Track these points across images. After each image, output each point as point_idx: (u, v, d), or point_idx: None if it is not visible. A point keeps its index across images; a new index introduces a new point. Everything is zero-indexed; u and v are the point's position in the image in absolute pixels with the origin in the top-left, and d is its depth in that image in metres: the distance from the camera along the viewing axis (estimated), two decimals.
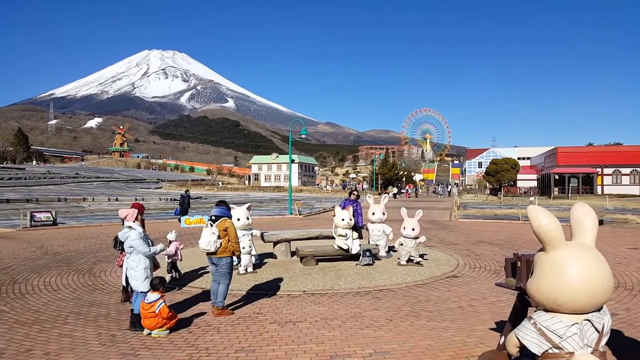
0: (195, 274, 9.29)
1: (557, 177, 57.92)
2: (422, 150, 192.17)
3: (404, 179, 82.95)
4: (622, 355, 4.78)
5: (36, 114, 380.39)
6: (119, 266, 7.56)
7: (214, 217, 6.60)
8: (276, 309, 6.80)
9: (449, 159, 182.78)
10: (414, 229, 9.98)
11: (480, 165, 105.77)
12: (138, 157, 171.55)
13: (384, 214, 11.44)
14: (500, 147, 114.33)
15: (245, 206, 9.78)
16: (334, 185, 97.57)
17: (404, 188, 69.32)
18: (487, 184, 70.87)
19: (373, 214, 11.42)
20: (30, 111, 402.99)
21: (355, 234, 10.49)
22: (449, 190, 69.80)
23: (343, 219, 10.04)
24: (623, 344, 5.16)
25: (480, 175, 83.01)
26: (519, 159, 74.90)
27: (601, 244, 11.83)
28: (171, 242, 8.83)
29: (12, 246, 13.57)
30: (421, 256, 10.44)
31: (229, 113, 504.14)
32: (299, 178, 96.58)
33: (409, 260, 10.00)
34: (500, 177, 59.66)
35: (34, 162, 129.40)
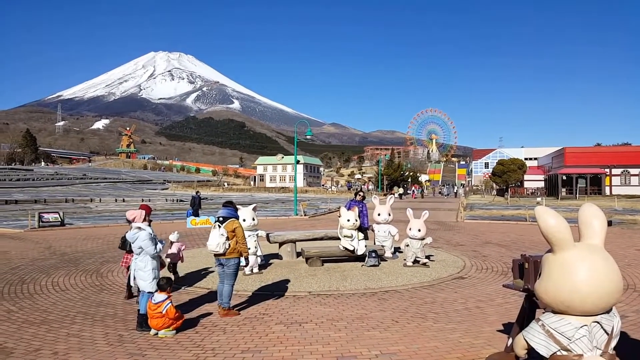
0: (201, 275, 9.32)
1: (564, 177, 57.50)
2: (428, 151, 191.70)
3: (409, 179, 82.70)
4: (632, 358, 4.73)
5: (44, 116, 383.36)
6: (125, 267, 7.57)
7: (221, 219, 6.61)
8: (282, 309, 6.80)
9: (455, 159, 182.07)
10: (420, 230, 9.95)
11: (486, 165, 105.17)
12: (144, 158, 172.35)
13: (389, 214, 11.42)
14: (507, 148, 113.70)
15: (251, 207, 9.79)
16: (339, 186, 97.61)
17: (409, 189, 69.12)
18: (494, 185, 70.46)
19: (379, 214, 11.39)
20: (38, 113, 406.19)
21: (361, 235, 10.48)
22: (455, 190, 69.51)
23: (349, 220, 10.03)
24: (633, 346, 5.11)
25: (487, 176, 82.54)
26: (526, 159, 74.44)
27: (610, 245, 11.72)
28: (173, 242, 8.85)
29: (20, 247, 13.67)
30: (427, 257, 10.41)
31: (234, 114, 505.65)
32: (304, 179, 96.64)
33: (415, 262, 9.96)
34: (507, 177, 59.28)
35: (42, 163, 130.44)
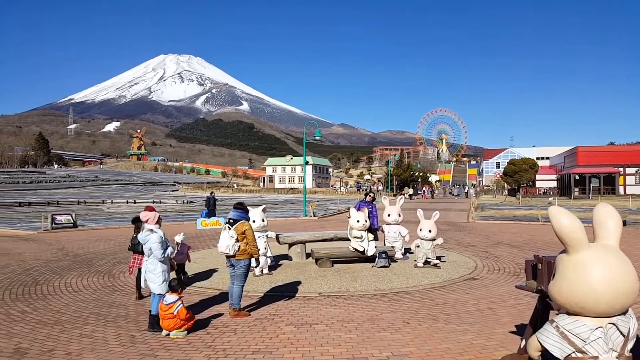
0: (211, 275, 9.35)
1: (577, 177, 56.87)
2: (438, 151, 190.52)
3: (419, 180, 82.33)
4: None
5: (56, 119, 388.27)
6: (136, 268, 7.57)
7: (231, 220, 6.63)
8: (292, 310, 6.80)
9: (466, 159, 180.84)
10: (430, 231, 9.90)
11: (497, 165, 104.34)
12: (155, 160, 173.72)
13: (399, 215, 11.37)
14: (518, 147, 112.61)
15: (260, 208, 9.81)
16: (348, 186, 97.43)
17: (420, 189, 68.80)
18: (505, 185, 69.97)
19: (389, 215, 11.35)
20: (51, 116, 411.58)
21: (371, 236, 10.44)
22: (466, 191, 69.00)
23: (358, 221, 10.00)
24: None
25: (498, 176, 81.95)
26: (537, 159, 73.74)
27: (625, 246, 11.55)
28: (178, 244, 8.88)
29: (34, 248, 13.84)
30: (438, 258, 10.35)
31: (243, 116, 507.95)
32: (313, 180, 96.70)
33: (426, 263, 9.91)
34: (519, 177, 58.84)
35: (55, 165, 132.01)
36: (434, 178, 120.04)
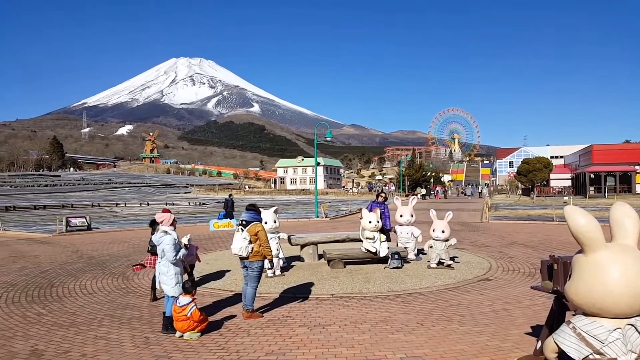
0: (224, 277, 9.39)
1: (592, 175, 56.08)
2: (450, 151, 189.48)
3: (431, 180, 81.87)
4: None
5: (70, 123, 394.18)
6: (150, 266, 7.59)
7: (244, 222, 6.63)
8: (305, 312, 6.79)
9: (479, 159, 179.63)
10: (443, 231, 9.82)
11: (511, 164, 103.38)
12: (168, 162, 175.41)
13: (412, 216, 11.30)
14: (531, 146, 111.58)
15: (272, 209, 9.83)
16: (359, 187, 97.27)
17: (433, 189, 68.37)
18: (519, 184, 69.25)
19: (401, 216, 11.29)
20: (65, 120, 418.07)
21: (383, 237, 10.39)
22: (479, 191, 68.35)
23: (370, 222, 9.96)
24: None
25: (512, 175, 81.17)
26: (551, 157, 72.87)
27: None
28: (186, 245, 8.91)
29: (49, 251, 14.03)
30: (452, 259, 10.25)
31: (254, 118, 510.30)
32: (324, 181, 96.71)
33: (439, 263, 9.84)
34: (533, 176, 58.19)
35: (71, 169, 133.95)
36: (446, 178, 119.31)
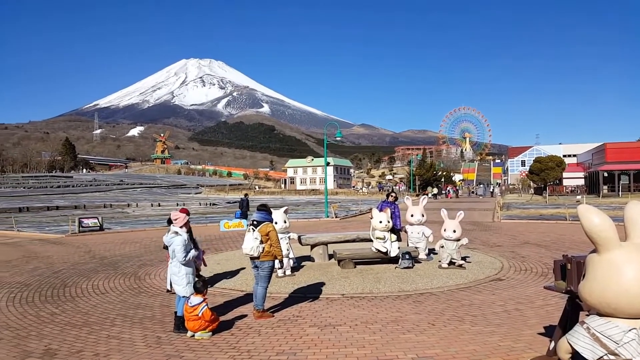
0: (235, 277, 9.42)
1: (606, 174, 55.36)
2: (462, 150, 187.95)
3: (442, 179, 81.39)
4: None
5: (82, 124, 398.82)
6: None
7: (255, 222, 6.66)
8: (315, 312, 6.79)
9: (490, 158, 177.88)
10: (455, 231, 9.75)
11: (523, 163, 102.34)
12: (178, 163, 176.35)
13: (423, 215, 11.24)
14: (544, 145, 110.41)
15: (282, 210, 9.84)
16: (369, 187, 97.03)
17: (444, 189, 67.92)
18: (531, 183, 68.60)
19: (412, 215, 11.24)
20: (77, 122, 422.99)
21: (394, 237, 10.35)
22: (491, 190, 67.69)
23: (381, 222, 9.92)
24: None
25: (524, 174, 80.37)
26: (564, 156, 72.14)
27: None
28: (196, 246, 8.95)
29: (62, 251, 14.19)
30: (463, 259, 10.19)
31: (264, 118, 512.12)
32: (334, 181, 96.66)
33: (451, 263, 9.77)
34: (545, 175, 57.66)
35: (83, 170, 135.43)
36: (457, 177, 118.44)
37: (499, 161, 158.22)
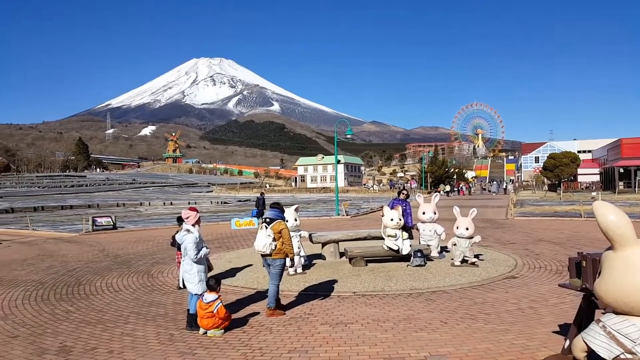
0: (247, 275, 9.45)
1: (621, 170, 54.52)
2: (474, 146, 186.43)
3: (454, 176, 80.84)
4: None
5: (95, 124, 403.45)
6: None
7: (268, 220, 6.69)
8: (327, 310, 6.78)
9: (503, 154, 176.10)
10: (467, 228, 9.67)
11: (537, 160, 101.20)
12: (190, 162, 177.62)
13: (435, 213, 11.16)
14: (558, 141, 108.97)
15: (293, 208, 9.85)
16: (380, 185, 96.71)
17: (456, 186, 67.43)
18: (545, 180, 67.77)
19: (423, 213, 11.16)
20: (89, 121, 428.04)
21: (405, 235, 10.29)
22: (504, 187, 67.01)
23: (392, 219, 9.88)
24: None
25: (538, 171, 79.49)
26: (579, 152, 71.17)
27: None
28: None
29: (76, 249, 14.37)
30: (476, 256, 10.10)
31: (274, 116, 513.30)
32: (345, 178, 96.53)
33: (463, 261, 9.69)
34: (559, 172, 56.93)
35: (96, 169, 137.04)
36: (470, 174, 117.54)
37: (512, 158, 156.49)
